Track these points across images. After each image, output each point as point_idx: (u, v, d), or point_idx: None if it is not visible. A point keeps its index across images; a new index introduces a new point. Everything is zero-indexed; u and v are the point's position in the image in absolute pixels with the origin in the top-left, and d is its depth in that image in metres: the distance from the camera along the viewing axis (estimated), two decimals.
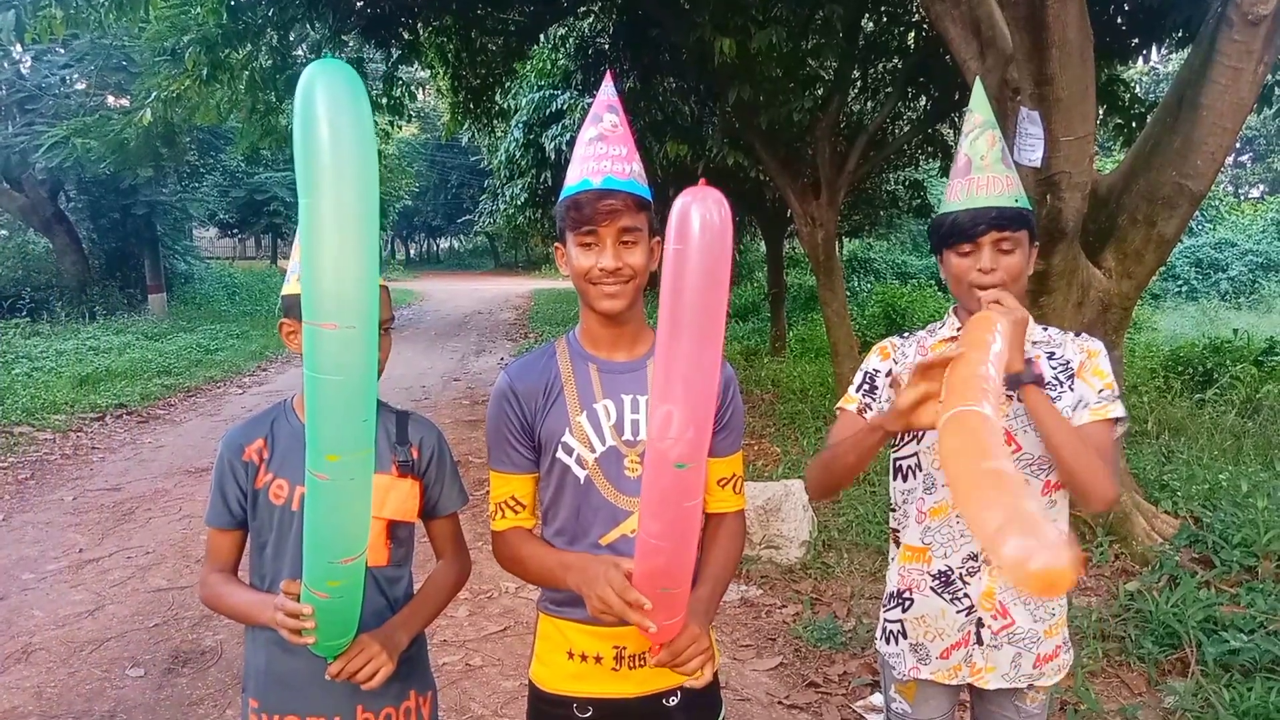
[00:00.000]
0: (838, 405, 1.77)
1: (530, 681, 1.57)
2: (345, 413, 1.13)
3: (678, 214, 1.06)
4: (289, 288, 1.47)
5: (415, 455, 1.58)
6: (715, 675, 1.58)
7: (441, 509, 1.64)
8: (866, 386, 1.73)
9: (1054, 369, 1.64)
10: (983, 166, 1.56)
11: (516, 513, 1.51)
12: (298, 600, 1.30)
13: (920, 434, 1.69)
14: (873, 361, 1.74)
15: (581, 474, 1.45)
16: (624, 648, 1.48)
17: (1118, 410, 1.60)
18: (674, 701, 1.51)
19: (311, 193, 1.04)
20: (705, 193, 1.06)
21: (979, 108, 1.60)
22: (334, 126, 1.01)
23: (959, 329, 1.70)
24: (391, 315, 1.53)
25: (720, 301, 1.07)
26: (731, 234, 1.07)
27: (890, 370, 1.71)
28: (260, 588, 1.55)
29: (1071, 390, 1.62)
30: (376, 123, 9.64)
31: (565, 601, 1.49)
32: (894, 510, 1.80)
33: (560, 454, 1.46)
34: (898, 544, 1.79)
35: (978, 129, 1.58)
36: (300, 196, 1.06)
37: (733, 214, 1.08)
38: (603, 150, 1.38)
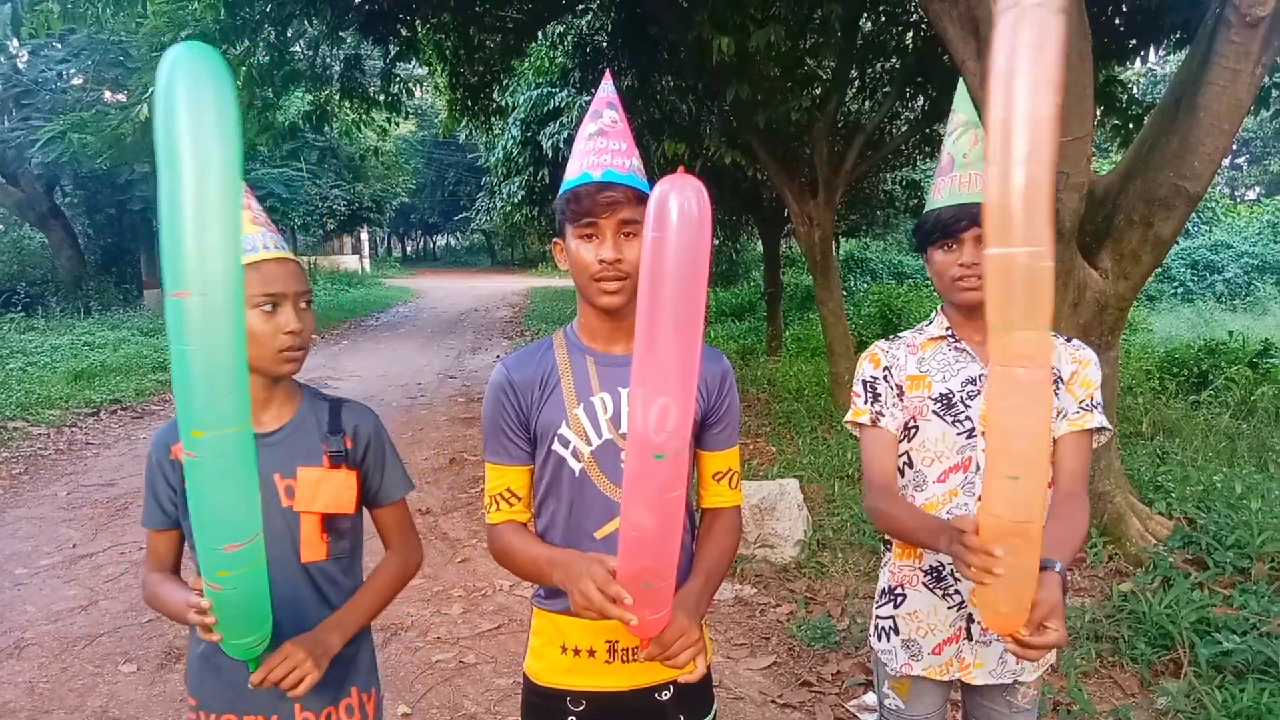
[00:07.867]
0: (848, 420, 1.76)
1: (525, 675, 1.57)
2: (207, 385, 1.10)
3: (656, 202, 1.05)
4: None
5: (349, 445, 1.52)
6: (709, 671, 1.58)
7: (384, 497, 1.60)
8: (869, 395, 1.73)
9: None
10: (965, 164, 1.57)
11: (511, 505, 1.50)
12: (202, 595, 1.26)
13: (911, 433, 1.70)
14: (866, 370, 1.74)
15: (577, 466, 1.45)
16: (616, 641, 1.48)
17: (1097, 420, 1.62)
18: (666, 696, 1.52)
19: (170, 166, 1.04)
20: (684, 180, 1.06)
21: (962, 107, 1.62)
22: (193, 107, 1.03)
23: (948, 328, 1.70)
24: (309, 288, 1.47)
25: (699, 290, 1.07)
26: (710, 223, 1.07)
27: (886, 375, 1.71)
28: None
29: (1055, 398, 1.62)
30: (374, 119, 9.67)
31: (558, 595, 1.49)
32: None
33: (556, 446, 1.45)
34: (888, 543, 1.80)
35: (960, 128, 1.60)
36: (160, 170, 1.06)
37: (729, 213, 1.08)
38: (602, 145, 1.38)
